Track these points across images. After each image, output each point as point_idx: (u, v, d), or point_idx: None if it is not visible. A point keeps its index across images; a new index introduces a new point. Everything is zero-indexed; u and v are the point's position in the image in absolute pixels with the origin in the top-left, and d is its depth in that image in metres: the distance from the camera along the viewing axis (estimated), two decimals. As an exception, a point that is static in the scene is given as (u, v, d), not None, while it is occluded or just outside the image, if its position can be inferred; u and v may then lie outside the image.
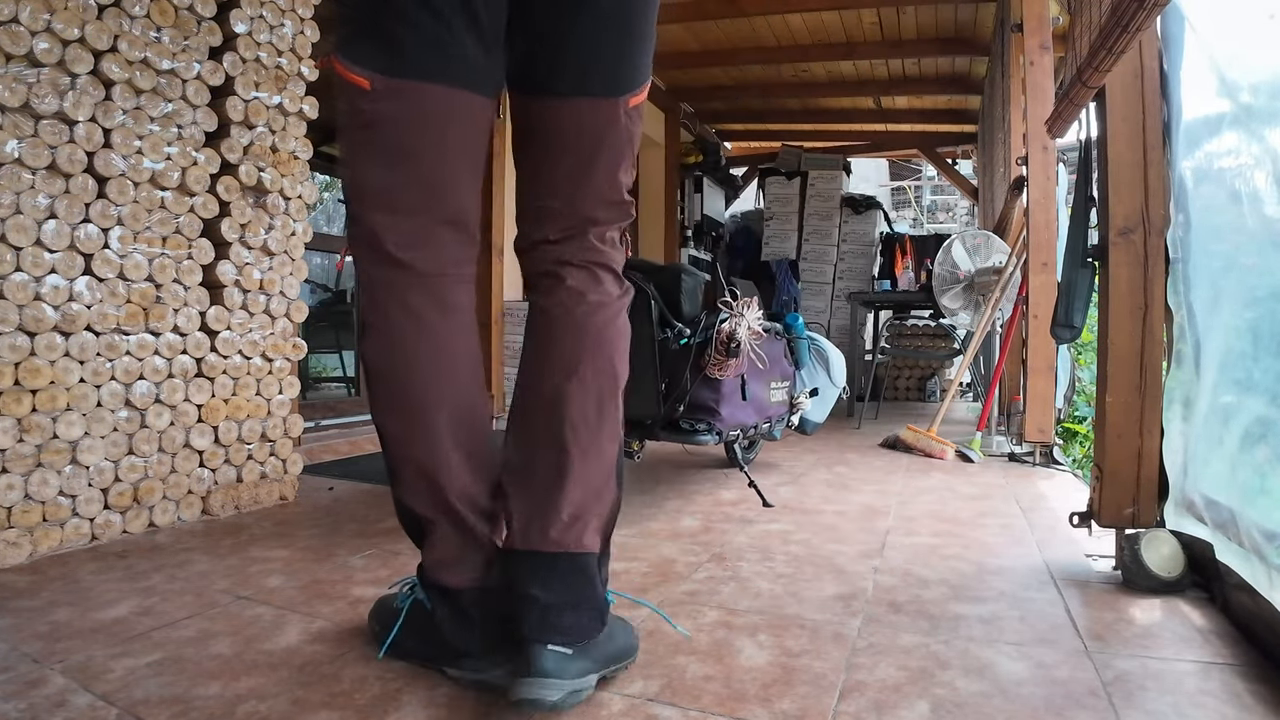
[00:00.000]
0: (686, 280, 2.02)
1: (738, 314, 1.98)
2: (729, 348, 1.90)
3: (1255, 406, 1.08)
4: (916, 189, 14.81)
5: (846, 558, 1.60)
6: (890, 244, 6.16)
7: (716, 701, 0.97)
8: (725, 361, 1.91)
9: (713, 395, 1.96)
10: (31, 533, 1.56)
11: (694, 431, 1.96)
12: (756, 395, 2.11)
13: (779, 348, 2.31)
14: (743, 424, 2.10)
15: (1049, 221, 2.82)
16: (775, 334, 2.30)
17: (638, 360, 1.85)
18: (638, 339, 1.84)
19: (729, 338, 1.91)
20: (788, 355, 2.43)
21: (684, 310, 1.99)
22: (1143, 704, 0.96)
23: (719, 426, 1.96)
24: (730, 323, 1.95)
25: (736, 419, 2.06)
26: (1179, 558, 1.37)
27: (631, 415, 1.91)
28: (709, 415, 1.96)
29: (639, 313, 1.86)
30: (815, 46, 4.93)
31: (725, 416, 1.98)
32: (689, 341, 1.93)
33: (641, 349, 1.86)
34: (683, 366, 1.93)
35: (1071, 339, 1.61)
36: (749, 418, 2.13)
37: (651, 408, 1.92)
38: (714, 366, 1.92)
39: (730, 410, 2.01)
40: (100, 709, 0.94)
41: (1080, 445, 3.87)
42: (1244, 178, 1.12)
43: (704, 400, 1.96)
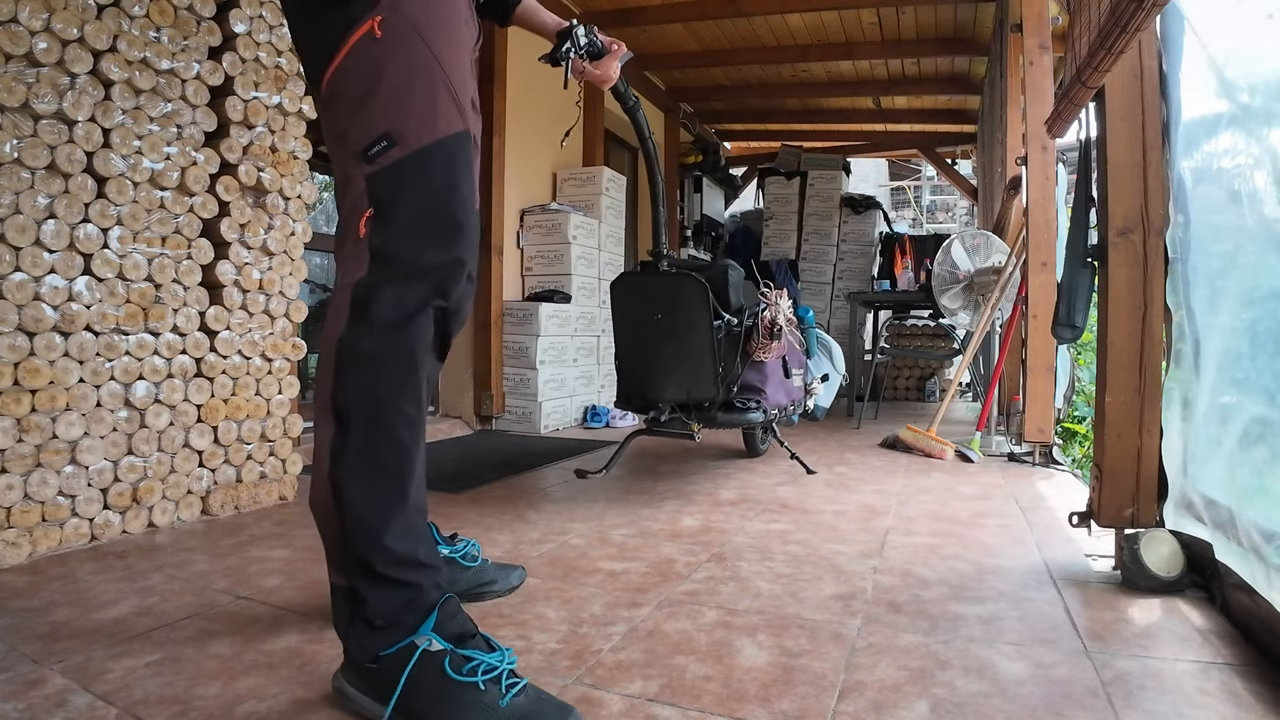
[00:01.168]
0: (733, 275, 2.22)
1: (774, 303, 2.24)
2: (773, 331, 2.20)
3: (1254, 406, 1.08)
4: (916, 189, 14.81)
5: (846, 558, 1.60)
6: (890, 244, 6.15)
7: (716, 701, 0.97)
8: (769, 344, 2.21)
9: (759, 376, 2.25)
10: (31, 533, 1.56)
11: (746, 410, 2.19)
12: (791, 375, 2.41)
13: (796, 337, 2.59)
14: (780, 404, 2.38)
15: (1048, 221, 2.82)
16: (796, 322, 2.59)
17: (697, 348, 2.11)
18: (697, 328, 2.08)
19: (772, 323, 2.21)
20: (801, 345, 2.67)
21: (732, 302, 2.19)
22: (1142, 704, 0.96)
23: (765, 405, 2.23)
24: (770, 310, 2.24)
25: (776, 399, 2.34)
26: (1178, 557, 1.37)
27: (694, 399, 2.17)
28: (757, 395, 2.22)
29: (697, 304, 2.08)
30: (815, 46, 4.93)
31: (770, 395, 2.26)
32: (737, 329, 2.18)
33: (700, 337, 2.09)
34: (733, 352, 2.17)
35: (1073, 339, 1.61)
36: (784, 398, 2.41)
37: (710, 389, 2.13)
38: (759, 350, 2.20)
39: (773, 389, 2.29)
40: (100, 709, 0.94)
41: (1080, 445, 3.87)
42: (1243, 178, 1.12)
43: (752, 381, 2.23)
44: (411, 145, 0.97)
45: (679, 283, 2.11)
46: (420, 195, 0.98)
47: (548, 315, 3.68)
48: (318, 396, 0.99)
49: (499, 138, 3.73)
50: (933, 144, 6.78)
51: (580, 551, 1.65)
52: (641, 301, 2.20)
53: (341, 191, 1.02)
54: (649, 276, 2.17)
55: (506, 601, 1.33)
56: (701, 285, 2.07)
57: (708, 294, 2.06)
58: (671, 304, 2.12)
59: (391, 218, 0.97)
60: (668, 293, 2.13)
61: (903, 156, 9.23)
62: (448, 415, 3.78)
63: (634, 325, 2.22)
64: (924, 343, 5.62)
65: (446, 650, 0.91)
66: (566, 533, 1.80)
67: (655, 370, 2.20)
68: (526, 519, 1.94)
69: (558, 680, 1.03)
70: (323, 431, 0.97)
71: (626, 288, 2.24)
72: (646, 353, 2.20)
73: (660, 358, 2.18)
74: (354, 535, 0.94)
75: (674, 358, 2.15)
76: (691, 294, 2.08)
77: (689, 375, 2.14)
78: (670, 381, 2.18)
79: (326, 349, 0.98)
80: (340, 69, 0.97)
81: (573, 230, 3.89)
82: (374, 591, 0.93)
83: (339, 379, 0.95)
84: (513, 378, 3.70)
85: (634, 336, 2.23)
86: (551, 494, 2.25)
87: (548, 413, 3.69)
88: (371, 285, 0.96)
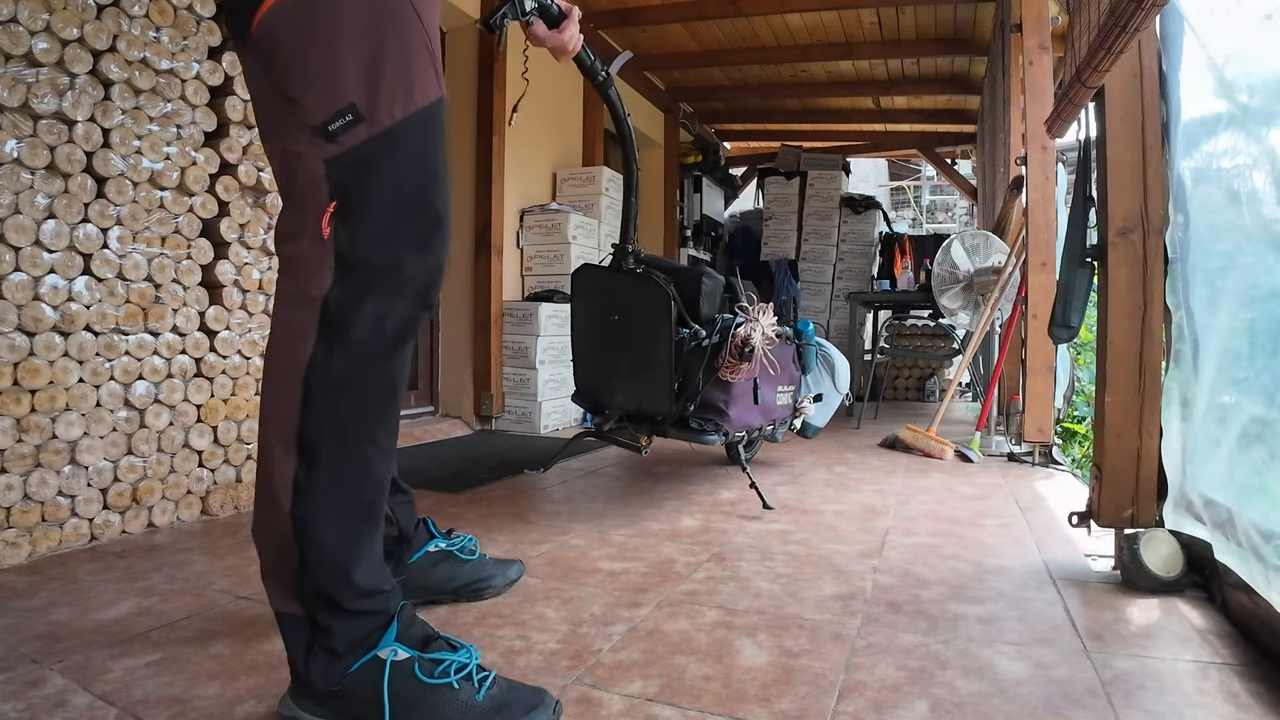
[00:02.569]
0: (707, 283, 2.02)
1: (753, 319, 1.98)
2: (743, 352, 1.91)
3: (1252, 406, 1.08)
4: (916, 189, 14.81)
5: (846, 557, 1.60)
6: (889, 244, 6.16)
7: (716, 701, 0.97)
8: (738, 365, 1.93)
9: (723, 396, 1.97)
10: (30, 533, 1.56)
11: (701, 431, 1.97)
12: (765, 398, 2.14)
13: (788, 352, 2.34)
14: (749, 425, 2.12)
15: (1048, 221, 2.83)
16: (786, 339, 2.33)
17: (653, 358, 1.90)
18: (656, 337, 1.88)
19: (744, 342, 1.92)
20: (795, 360, 2.43)
21: (702, 312, 1.99)
22: (1141, 703, 0.96)
23: (726, 427, 1.98)
24: (746, 327, 1.95)
25: (744, 420, 2.07)
26: (1178, 557, 1.37)
27: (645, 410, 1.99)
28: (717, 416, 1.97)
29: (659, 312, 1.89)
30: (814, 46, 4.93)
31: (733, 418, 2.00)
32: (705, 343, 1.94)
33: (658, 347, 1.89)
34: (696, 366, 1.94)
35: (1069, 339, 1.61)
36: (755, 419, 2.15)
37: (664, 404, 1.94)
38: (727, 369, 1.93)
39: (739, 412, 2.02)
40: (99, 709, 0.94)
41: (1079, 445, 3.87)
42: (1242, 178, 1.12)
43: (714, 401, 1.97)
44: (384, 121, 0.80)
45: (642, 286, 1.93)
46: (396, 185, 0.82)
47: (547, 315, 3.68)
48: (272, 423, 0.85)
49: (499, 137, 3.73)
50: (932, 144, 6.78)
51: (580, 551, 1.65)
52: (601, 299, 2.04)
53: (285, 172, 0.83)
54: (611, 274, 2.00)
55: (506, 601, 1.34)
56: (664, 293, 1.89)
57: (670, 302, 1.88)
58: (631, 307, 1.96)
59: (361, 214, 0.80)
60: (629, 295, 1.96)
61: (902, 156, 9.23)
62: (448, 415, 3.78)
63: (591, 323, 2.08)
64: (924, 343, 5.62)
65: (413, 656, 0.87)
66: (566, 533, 1.80)
67: (607, 374, 2.05)
68: (526, 519, 1.94)
69: (558, 680, 1.03)
70: (281, 463, 0.84)
71: (587, 281, 2.08)
72: (600, 354, 2.06)
73: (613, 362, 2.02)
74: (319, 572, 0.85)
75: (628, 365, 1.98)
76: (653, 300, 1.90)
77: (642, 386, 1.96)
78: (621, 389, 2.02)
79: (285, 369, 0.84)
80: (278, 7, 0.78)
81: (572, 230, 3.89)
82: (339, 622, 0.86)
83: (307, 408, 0.83)
84: (512, 378, 3.70)
85: (589, 334, 2.09)
86: (551, 494, 2.25)
87: (547, 413, 3.69)
88: (346, 300, 0.81)
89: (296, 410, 0.83)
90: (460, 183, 3.86)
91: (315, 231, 0.80)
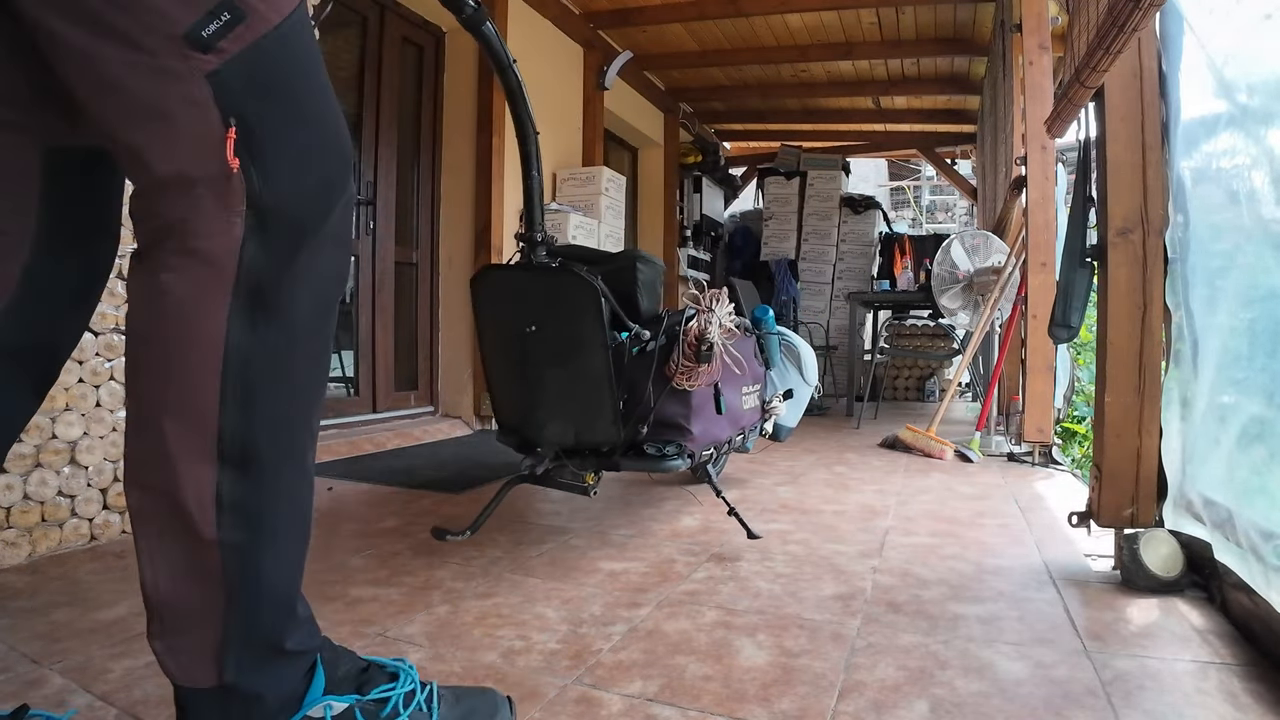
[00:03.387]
0: (644, 269, 1.61)
1: (705, 308, 1.62)
2: (699, 351, 1.54)
3: (1252, 406, 1.08)
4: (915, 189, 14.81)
5: (846, 558, 1.60)
6: (889, 244, 6.16)
7: (716, 701, 0.97)
8: (695, 369, 1.56)
9: (681, 410, 1.59)
10: (30, 533, 1.56)
11: (661, 457, 1.58)
12: (730, 404, 1.77)
13: (749, 346, 1.99)
14: (716, 440, 1.75)
15: (1048, 221, 2.83)
16: (745, 330, 1.97)
17: (588, 374, 1.51)
18: (587, 346, 1.49)
19: (699, 339, 1.55)
20: (758, 354, 2.08)
21: (642, 307, 1.60)
22: (1141, 703, 0.96)
23: (690, 447, 1.60)
24: (699, 320, 1.58)
25: (710, 435, 1.69)
26: (1178, 557, 1.37)
27: (587, 442, 1.58)
28: (678, 434, 1.59)
29: (586, 313, 1.48)
30: (814, 46, 4.94)
31: (697, 435, 1.62)
32: (650, 346, 1.56)
33: (592, 360, 1.50)
34: (644, 376, 1.56)
35: (1068, 339, 1.61)
36: (723, 431, 1.78)
37: (609, 431, 1.54)
38: (682, 375, 1.56)
39: (703, 426, 1.64)
40: (99, 709, 0.94)
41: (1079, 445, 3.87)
42: (1242, 178, 1.12)
43: (671, 416, 1.59)
44: (269, 18, 0.63)
45: (560, 283, 1.51)
46: (300, 100, 0.67)
47: (547, 315, 3.67)
48: (168, 425, 0.64)
49: (499, 137, 3.73)
50: (932, 144, 6.78)
51: (580, 551, 1.65)
52: (511, 308, 1.57)
53: (127, 99, 0.61)
54: (519, 272, 1.56)
55: (506, 601, 1.34)
56: (590, 288, 1.47)
57: (600, 299, 1.47)
58: (550, 313, 1.53)
59: (272, 140, 0.64)
60: (545, 297, 1.53)
61: (902, 156, 9.23)
62: (448, 415, 3.78)
63: (502, 339, 1.61)
64: (924, 343, 5.62)
65: (352, 704, 0.74)
66: (566, 532, 1.80)
67: (532, 403, 1.59)
68: (526, 519, 1.94)
69: (557, 680, 1.03)
70: (193, 477, 0.65)
71: (491, 287, 1.61)
72: (519, 378, 1.60)
73: (537, 386, 1.57)
74: (258, 614, 0.69)
75: (556, 387, 1.55)
76: (577, 299, 1.49)
77: (577, 412, 1.55)
78: (552, 419, 1.58)
79: (183, 354, 0.65)
80: None
81: (572, 230, 3.89)
82: (272, 677, 0.70)
83: (228, 400, 0.65)
84: (512, 378, 3.70)
85: (502, 354, 1.62)
86: (551, 494, 2.25)
87: (547, 413, 3.69)
88: (270, 255, 0.65)
89: (213, 404, 0.64)
90: (460, 183, 3.86)
91: (216, 171, 0.62)
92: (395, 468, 2.62)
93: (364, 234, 3.43)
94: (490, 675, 1.04)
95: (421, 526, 1.85)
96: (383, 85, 3.46)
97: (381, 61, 3.46)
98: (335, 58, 3.29)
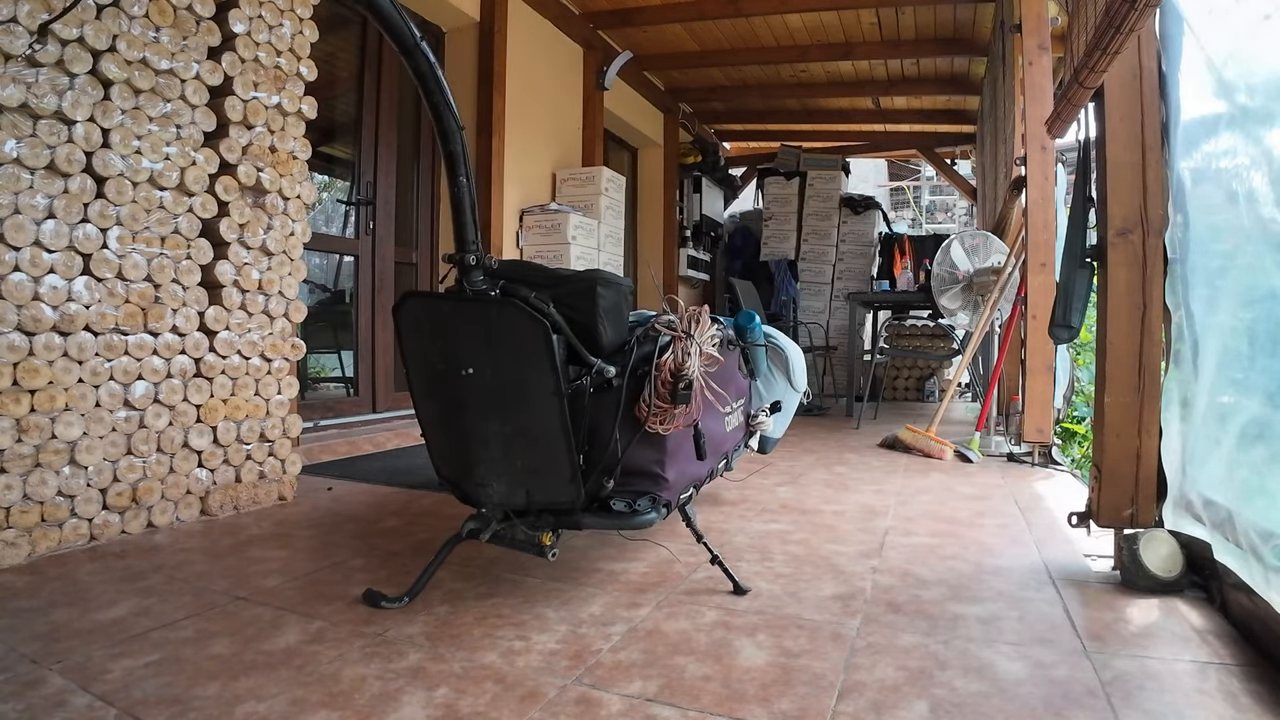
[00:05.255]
0: (605, 294, 1.32)
1: (682, 333, 1.34)
2: (675, 390, 1.29)
3: (1252, 406, 1.08)
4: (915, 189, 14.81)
5: (845, 558, 1.60)
6: (889, 244, 6.17)
7: (715, 701, 0.97)
8: (671, 410, 1.30)
9: (655, 455, 1.34)
10: (30, 533, 1.56)
11: (632, 513, 1.32)
12: (712, 433, 1.53)
13: (733, 360, 1.74)
14: (696, 478, 1.52)
15: (1047, 222, 2.83)
16: (729, 344, 1.69)
17: (538, 427, 1.26)
18: (535, 396, 1.24)
19: (675, 375, 1.29)
20: (742, 367, 1.84)
21: (604, 339, 1.32)
22: (1141, 704, 0.96)
23: (665, 496, 1.35)
24: (675, 352, 1.31)
25: (688, 476, 1.46)
26: (1177, 558, 1.37)
27: (540, 502, 1.32)
28: (652, 484, 1.35)
29: (533, 357, 1.23)
30: (814, 47, 4.94)
31: (673, 480, 1.37)
32: (615, 383, 1.30)
33: (543, 410, 1.24)
34: (609, 419, 1.30)
35: (1069, 339, 1.61)
36: (702, 469, 1.54)
37: (566, 489, 1.28)
38: (655, 418, 1.30)
39: (679, 470, 1.40)
40: (99, 709, 0.94)
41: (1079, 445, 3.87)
42: (1241, 178, 1.12)
43: (643, 465, 1.34)
44: None
45: (501, 316, 1.23)
46: None
47: (547, 315, 3.67)
48: None
49: (498, 138, 3.73)
50: (932, 144, 6.78)
51: (579, 551, 1.65)
52: (441, 345, 1.30)
53: None
54: (450, 302, 1.28)
55: (506, 601, 1.34)
56: (538, 324, 1.21)
57: (550, 336, 1.22)
58: (490, 352, 1.25)
59: None
60: (482, 332, 1.25)
61: (902, 157, 9.23)
62: (447, 415, 3.77)
63: (431, 383, 1.35)
64: (923, 343, 5.62)
65: None
66: (565, 532, 1.80)
67: (470, 459, 1.32)
68: (526, 519, 1.94)
69: (557, 680, 1.03)
70: None
71: (416, 320, 1.34)
72: (454, 430, 1.35)
73: (476, 441, 1.31)
74: None
75: (500, 442, 1.28)
76: (523, 336, 1.23)
77: (527, 467, 1.29)
78: (496, 476, 1.31)
79: None
80: None
81: (572, 230, 3.89)
82: None
83: None
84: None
85: (433, 400, 1.37)
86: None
87: (547, 413, 3.69)
88: None
89: None
90: (460, 183, 3.85)
91: None
92: (395, 468, 2.62)
93: (364, 234, 3.43)
94: (490, 675, 1.04)
95: (422, 526, 1.85)
96: (383, 85, 3.46)
97: (381, 61, 3.46)
98: (335, 58, 3.29)
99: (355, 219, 3.45)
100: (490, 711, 0.94)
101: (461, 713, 0.94)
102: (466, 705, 0.96)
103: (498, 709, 0.95)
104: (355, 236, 3.43)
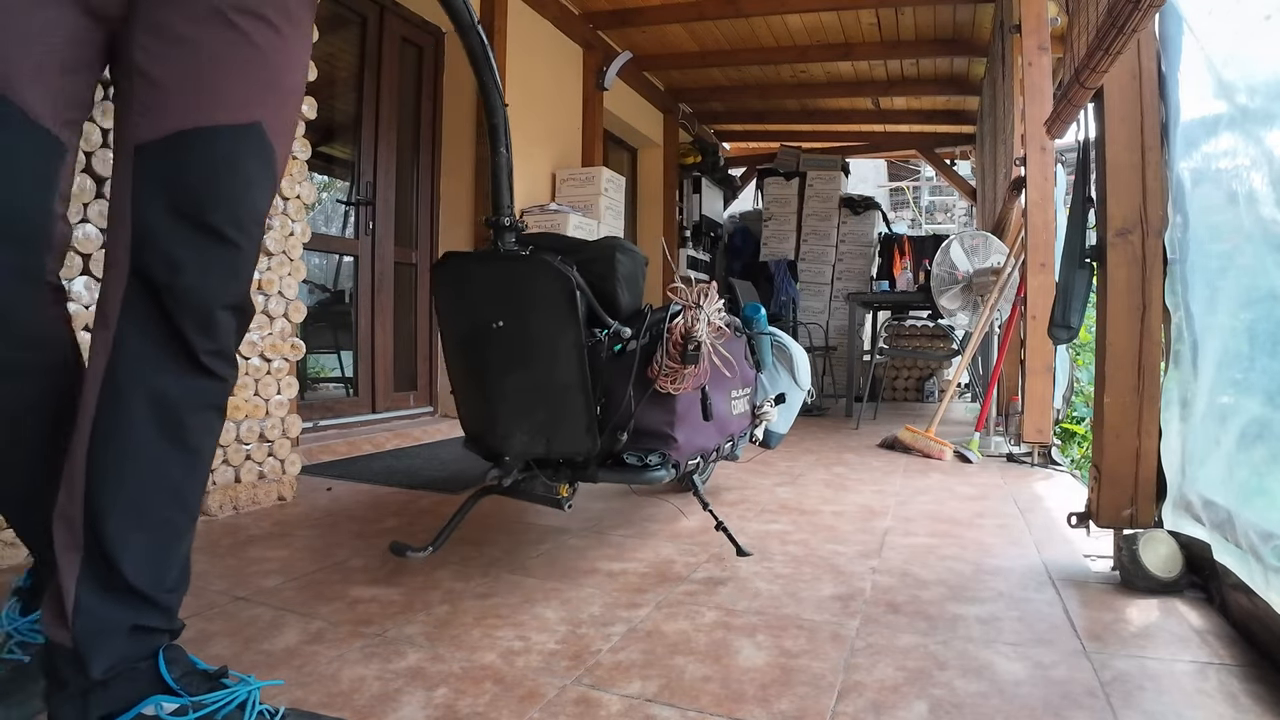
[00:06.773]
0: (624, 261, 1.46)
1: (692, 304, 1.48)
2: (686, 351, 1.41)
3: (1252, 407, 1.08)
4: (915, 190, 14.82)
5: (845, 558, 1.60)
6: (888, 244, 6.17)
7: (715, 702, 0.97)
8: (681, 370, 1.43)
9: (665, 416, 1.46)
10: (29, 533, 1.56)
11: (642, 467, 1.45)
12: (718, 409, 1.62)
13: (739, 347, 1.86)
14: (703, 448, 1.61)
15: (1047, 222, 2.83)
16: (735, 329, 1.84)
17: (560, 377, 1.38)
18: (559, 346, 1.37)
19: (685, 337, 1.42)
20: (748, 356, 1.94)
21: (621, 302, 1.46)
22: (1140, 704, 0.96)
23: (674, 456, 1.47)
24: (686, 316, 1.45)
25: (695, 444, 1.56)
26: (1177, 558, 1.37)
27: (559, 452, 1.45)
28: (661, 443, 1.46)
29: (558, 308, 1.36)
30: (814, 47, 4.94)
31: (682, 443, 1.49)
32: (630, 345, 1.42)
33: (565, 361, 1.37)
34: (623, 379, 1.42)
35: (1068, 339, 1.61)
36: (709, 440, 1.65)
37: (583, 440, 1.40)
38: (666, 378, 1.42)
39: (688, 433, 1.51)
40: (98, 709, 0.94)
41: (1078, 446, 3.88)
42: (1241, 179, 1.12)
43: (654, 424, 1.46)
44: None
45: (531, 274, 1.37)
46: None
47: (547, 315, 3.67)
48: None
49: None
50: (931, 145, 6.79)
51: (579, 551, 1.65)
52: (474, 301, 1.43)
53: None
54: (486, 261, 1.44)
55: (505, 602, 1.33)
56: (565, 280, 1.34)
57: (575, 292, 1.35)
58: (519, 307, 1.39)
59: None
60: (513, 289, 1.39)
61: (902, 157, 9.24)
62: (447, 415, 3.77)
63: (465, 336, 1.47)
64: (923, 343, 5.63)
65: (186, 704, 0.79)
66: (565, 532, 1.80)
67: (496, 409, 1.45)
68: (524, 518, 1.94)
69: (556, 680, 1.03)
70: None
71: (452, 277, 1.46)
72: (482, 381, 1.46)
73: (503, 390, 1.44)
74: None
75: (524, 391, 1.42)
76: (549, 291, 1.36)
77: (548, 418, 1.42)
78: (520, 426, 1.43)
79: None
80: None
81: (572, 231, 3.89)
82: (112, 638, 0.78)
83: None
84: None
85: (465, 353, 1.49)
86: (550, 494, 2.25)
87: (547, 413, 3.69)
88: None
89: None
90: (460, 183, 3.86)
91: None
92: (395, 468, 2.62)
93: (364, 234, 3.43)
94: (489, 675, 1.04)
95: (422, 526, 1.85)
96: (382, 85, 3.46)
97: (381, 61, 3.46)
98: (335, 58, 3.29)
99: (355, 219, 3.45)
100: (489, 712, 0.94)
101: (461, 713, 0.94)
102: (466, 705, 0.96)
103: (497, 709, 0.94)
104: (355, 236, 3.43)
